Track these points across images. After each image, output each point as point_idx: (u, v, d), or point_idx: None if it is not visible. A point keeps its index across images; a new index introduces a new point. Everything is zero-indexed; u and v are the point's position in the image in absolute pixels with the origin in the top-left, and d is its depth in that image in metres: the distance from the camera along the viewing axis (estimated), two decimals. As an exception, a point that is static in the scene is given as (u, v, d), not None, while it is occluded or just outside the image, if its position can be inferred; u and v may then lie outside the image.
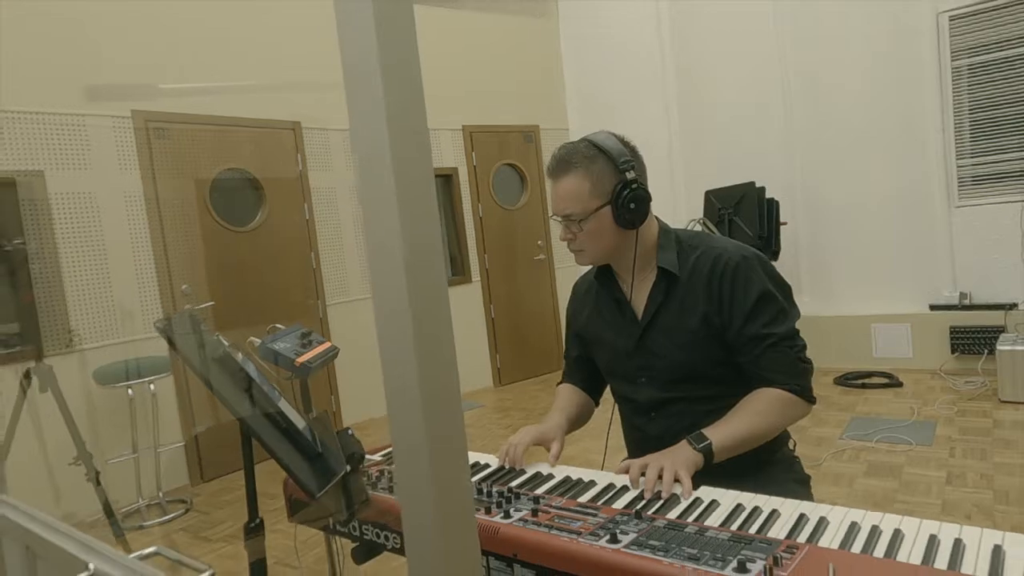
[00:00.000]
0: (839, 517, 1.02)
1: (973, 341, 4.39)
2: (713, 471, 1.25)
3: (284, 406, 1.27)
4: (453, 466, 0.48)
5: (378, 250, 0.45)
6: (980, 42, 4.37)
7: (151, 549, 0.82)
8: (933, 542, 0.92)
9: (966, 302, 4.48)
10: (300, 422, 1.28)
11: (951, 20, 4.44)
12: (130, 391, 3.50)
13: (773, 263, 4.87)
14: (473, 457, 1.51)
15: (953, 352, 4.49)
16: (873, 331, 4.82)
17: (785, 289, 1.40)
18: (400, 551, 1.25)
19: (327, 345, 1.88)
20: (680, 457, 1.24)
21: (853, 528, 0.99)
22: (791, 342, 1.36)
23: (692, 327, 1.37)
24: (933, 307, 4.60)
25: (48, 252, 3.54)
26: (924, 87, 4.55)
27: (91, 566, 0.76)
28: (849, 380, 4.56)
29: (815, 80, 4.94)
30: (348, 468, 1.23)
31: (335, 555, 1.56)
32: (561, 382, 1.70)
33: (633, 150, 1.39)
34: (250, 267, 4.38)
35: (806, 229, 5.06)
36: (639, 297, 1.45)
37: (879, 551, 0.91)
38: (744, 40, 5.20)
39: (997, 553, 0.87)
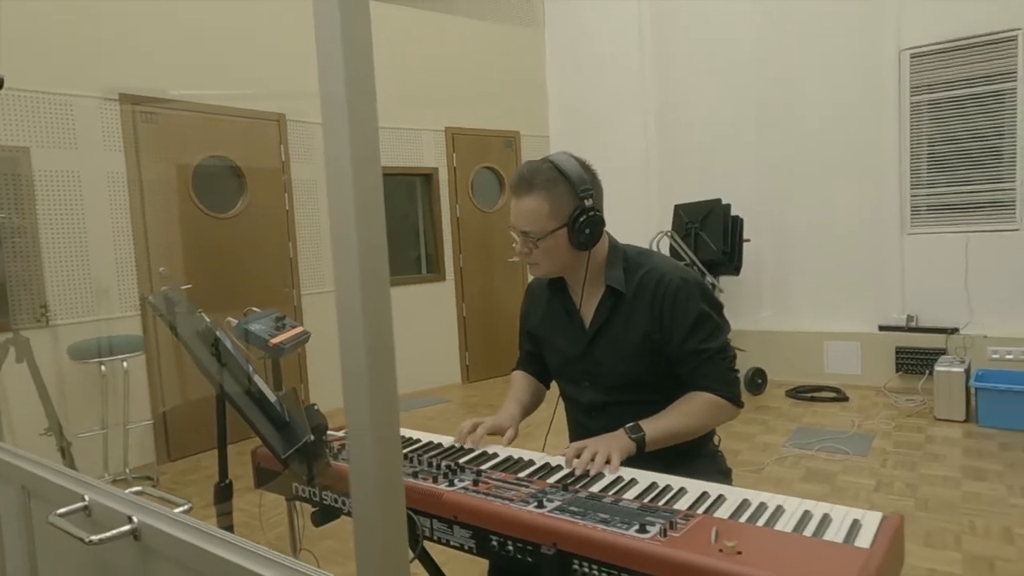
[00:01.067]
0: (736, 496, 1.19)
1: (916, 361, 4.64)
2: (644, 462, 1.41)
3: (257, 379, 1.40)
4: (390, 430, 0.62)
5: (339, 240, 0.59)
6: (939, 80, 4.63)
7: (136, 489, 0.94)
8: (806, 516, 1.09)
9: (912, 324, 4.73)
10: (271, 395, 1.41)
11: (912, 58, 4.69)
12: (103, 368, 3.58)
13: (733, 276, 5.05)
14: (428, 437, 1.66)
15: (898, 371, 4.74)
16: (825, 347, 5.06)
17: (717, 307, 1.57)
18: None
19: (300, 329, 2.01)
20: (615, 443, 1.40)
21: (744, 504, 1.15)
22: (723, 355, 1.52)
23: (634, 341, 1.52)
24: (882, 328, 4.84)
25: (28, 227, 3.61)
26: (886, 120, 4.80)
27: (87, 498, 0.89)
28: (800, 393, 4.79)
29: (787, 107, 5.17)
30: (312, 436, 1.37)
31: (295, 521, 1.69)
32: (515, 369, 1.84)
33: (593, 176, 1.52)
34: (228, 253, 4.47)
35: (769, 247, 5.28)
36: (588, 308, 1.60)
37: (761, 521, 1.08)
38: (723, 64, 5.42)
39: (855, 525, 1.04)
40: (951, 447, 3.58)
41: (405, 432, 1.70)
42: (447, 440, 1.61)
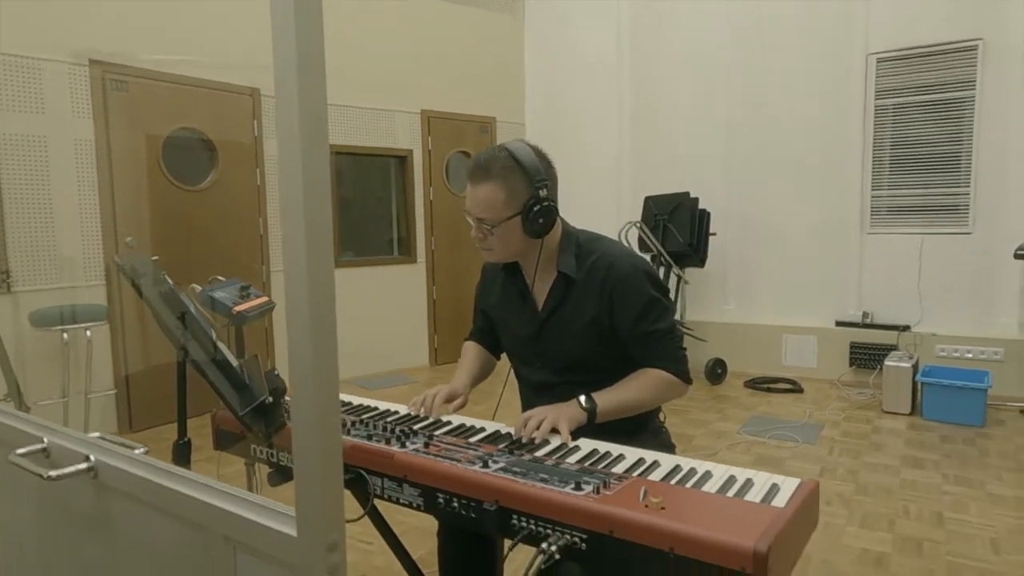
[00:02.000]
0: (670, 463, 1.27)
1: (869, 356, 4.81)
2: (591, 435, 1.48)
3: (219, 344, 1.45)
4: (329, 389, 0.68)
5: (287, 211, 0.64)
6: (904, 85, 4.78)
7: (95, 434, 0.97)
8: (731, 480, 1.17)
9: (868, 321, 4.90)
10: (233, 360, 1.45)
11: (879, 62, 4.83)
12: (65, 335, 3.56)
13: (699, 268, 5.16)
14: (387, 405, 1.71)
15: (851, 365, 4.91)
16: (784, 341, 5.21)
17: (664, 291, 1.63)
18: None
19: (264, 299, 2.04)
20: (565, 412, 1.47)
21: (676, 469, 1.23)
22: (672, 334, 1.59)
23: (583, 324, 1.58)
24: (839, 323, 5.01)
25: (-9, 191, 3.56)
26: (851, 122, 4.94)
27: (46, 440, 0.93)
28: (757, 384, 4.94)
29: (758, 106, 5.29)
30: (270, 398, 1.41)
31: (253, 483, 1.74)
32: (468, 339, 1.90)
33: (548, 165, 1.56)
34: (197, 226, 4.45)
35: (734, 242, 5.41)
36: (540, 292, 1.65)
37: (689, 484, 1.16)
38: (697, 62, 5.51)
39: (774, 488, 1.13)
40: (895, 438, 3.75)
41: (366, 400, 1.76)
42: (413, 411, 1.66)
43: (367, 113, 5.38)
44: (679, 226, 5.01)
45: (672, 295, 5.22)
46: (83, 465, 0.84)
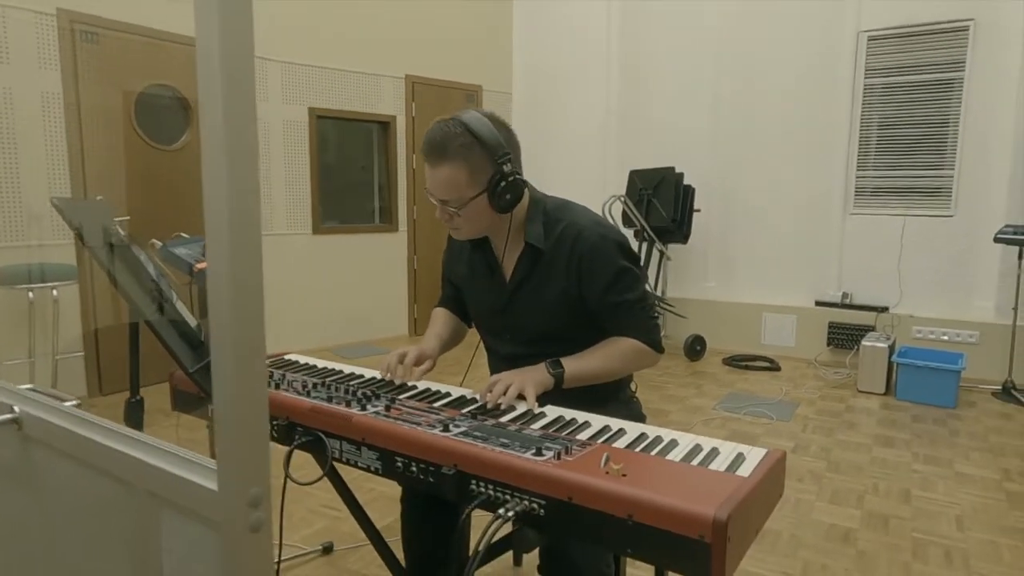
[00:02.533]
0: (636, 431, 1.24)
1: (847, 337, 4.83)
2: (559, 403, 1.44)
3: (176, 301, 1.39)
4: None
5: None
6: (893, 64, 4.73)
7: (27, 385, 0.91)
8: (696, 449, 1.15)
9: (847, 301, 4.91)
10: (191, 319, 1.40)
11: (870, 40, 4.78)
12: (31, 294, 3.47)
13: (681, 244, 5.13)
14: (352, 368, 1.66)
15: (829, 345, 4.94)
16: (764, 319, 5.22)
17: (635, 260, 1.58)
18: (272, 437, 1.40)
19: (229, 258, 1.98)
20: (531, 376, 1.43)
21: (642, 437, 1.20)
22: (643, 303, 1.55)
23: (552, 296, 1.54)
24: (818, 303, 5.02)
25: (-47, 143, 3.43)
26: (839, 101, 4.89)
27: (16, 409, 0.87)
28: (735, 361, 4.95)
29: (746, 82, 5.22)
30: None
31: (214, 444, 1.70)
32: (438, 306, 1.85)
33: (509, 135, 1.48)
34: (171, 187, 4.33)
35: (717, 218, 5.39)
36: (508, 262, 1.60)
37: (653, 452, 1.13)
38: (686, 36, 5.42)
39: (739, 458, 1.10)
40: (868, 417, 3.77)
41: (334, 364, 1.71)
42: (379, 374, 1.61)
43: (350, 76, 5.25)
44: (663, 201, 4.97)
45: (654, 271, 5.21)
46: (7, 416, 0.79)
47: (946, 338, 4.51)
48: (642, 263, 4.83)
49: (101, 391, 4.01)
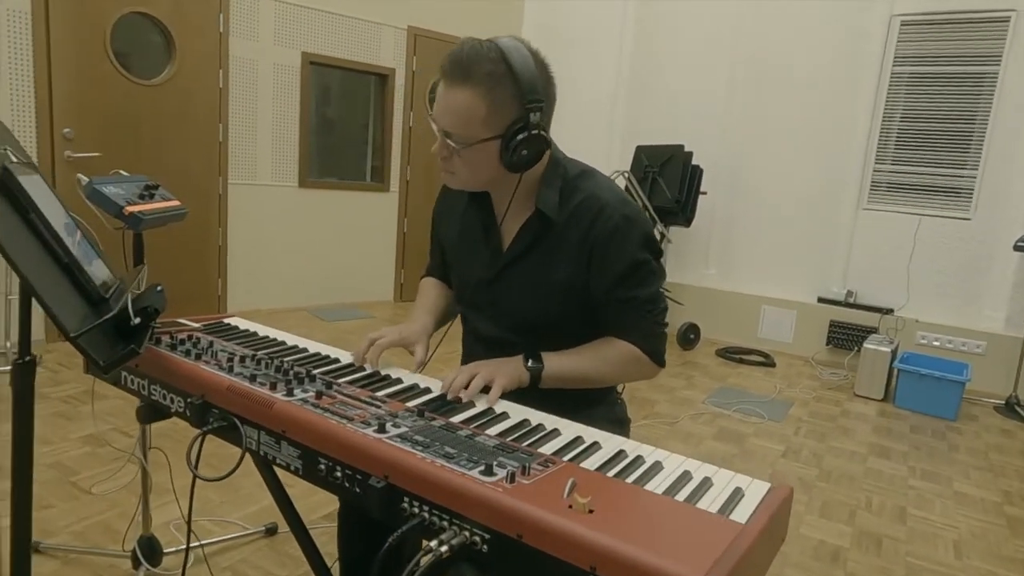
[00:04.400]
0: (612, 446, 1.03)
1: (847, 337, 4.64)
2: (533, 400, 1.22)
3: (74, 240, 1.16)
4: None
5: None
6: (925, 52, 4.45)
7: None
8: (684, 477, 0.93)
9: (851, 300, 4.70)
10: (90, 264, 1.17)
11: (903, 25, 4.49)
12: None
13: (684, 227, 4.89)
14: (299, 342, 1.44)
15: (828, 344, 4.74)
16: (762, 312, 5.02)
17: (657, 252, 1.34)
18: (184, 416, 1.19)
19: (174, 203, 1.74)
20: (504, 369, 1.21)
21: (619, 456, 0.99)
22: (652, 305, 1.31)
23: (554, 280, 1.30)
24: (821, 299, 4.81)
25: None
26: (863, 88, 4.62)
27: None
28: (729, 354, 4.76)
29: (765, 61, 4.93)
30: (137, 319, 1.14)
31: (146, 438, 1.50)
32: (425, 275, 1.60)
33: (548, 80, 1.22)
34: (148, 125, 4.07)
35: (723, 203, 5.14)
36: (509, 228, 1.34)
37: (631, 477, 0.92)
38: (704, 10, 5.11)
39: (736, 494, 0.89)
40: (863, 423, 3.59)
41: (272, 332, 1.49)
42: (326, 350, 1.38)
43: (349, 22, 4.94)
44: (669, 180, 4.72)
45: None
46: None
47: (951, 346, 4.31)
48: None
49: (61, 337, 3.79)
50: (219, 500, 2.23)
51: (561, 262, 1.29)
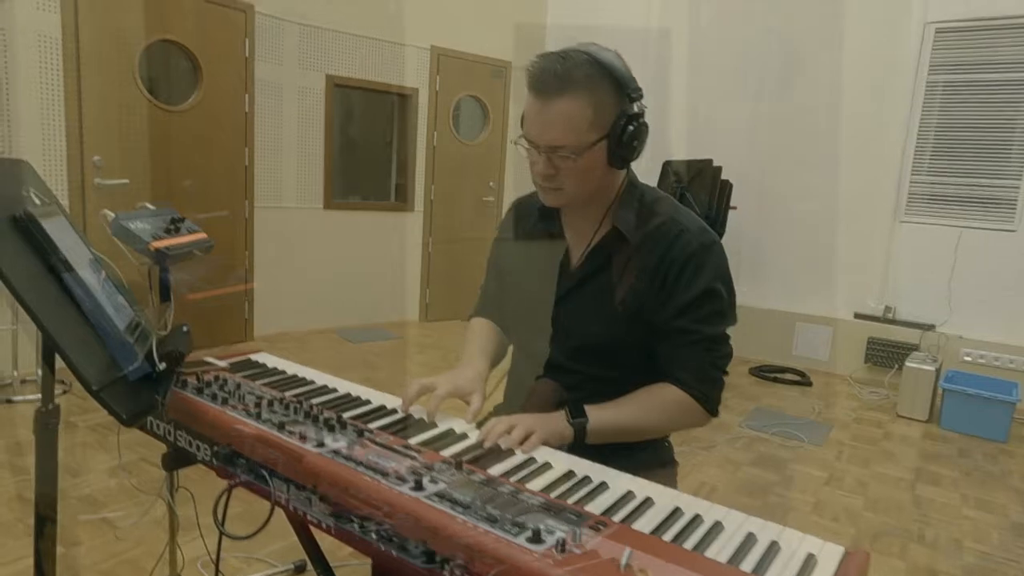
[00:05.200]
0: (667, 501, 0.95)
1: (887, 355, 4.48)
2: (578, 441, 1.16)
3: (100, 282, 1.12)
4: None
5: None
6: (961, 60, 4.32)
7: None
8: (749, 540, 0.85)
9: (889, 316, 4.55)
10: (111, 308, 1.13)
11: (937, 32, 4.36)
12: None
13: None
14: (331, 381, 1.39)
15: (866, 362, 4.58)
16: (797, 329, 4.88)
17: (731, 291, 1.28)
18: (210, 464, 1.14)
19: (199, 236, 1.71)
20: (546, 425, 1.14)
21: (675, 514, 0.91)
22: (715, 346, 1.24)
23: (624, 305, 1.24)
24: (858, 315, 4.66)
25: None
26: (898, 97, 4.50)
27: None
28: (763, 372, 4.62)
29: (795, 71, 4.83)
30: (162, 365, 1.10)
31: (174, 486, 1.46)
32: (474, 315, 1.53)
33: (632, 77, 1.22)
34: (175, 150, 4.09)
35: (753, 217, 5.03)
36: (580, 246, 1.30)
37: (690, 542, 0.84)
38: (733, 17, 5.03)
39: (809, 562, 0.81)
40: (908, 447, 3.44)
41: (300, 370, 1.44)
42: (356, 390, 1.32)
43: (373, 44, 4.95)
44: (698, 195, 4.62)
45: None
46: None
47: (998, 364, 4.14)
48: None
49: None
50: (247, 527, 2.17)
51: (633, 284, 1.24)
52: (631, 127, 1.17)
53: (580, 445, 1.16)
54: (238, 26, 4.29)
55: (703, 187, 4.63)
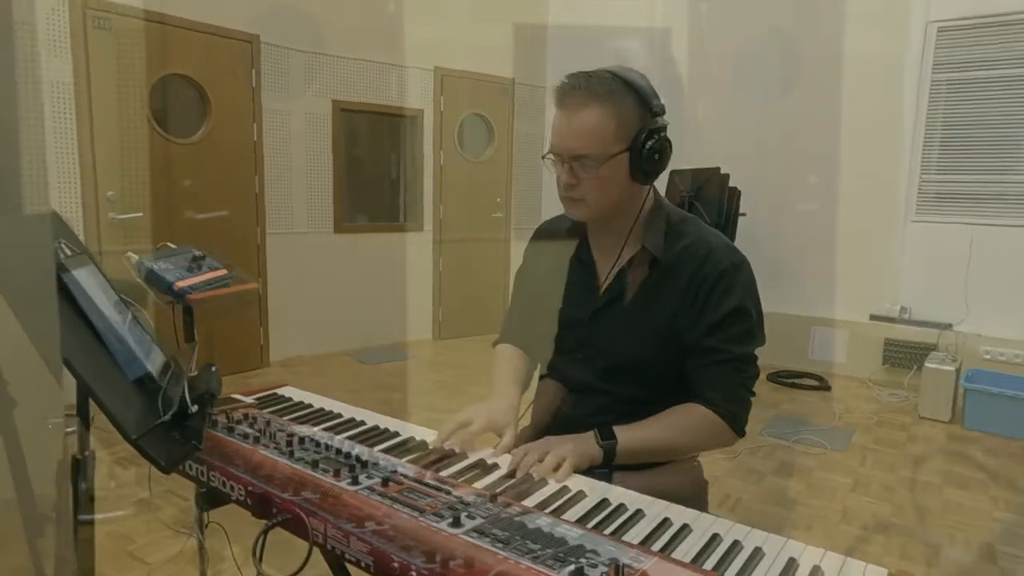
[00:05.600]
0: (704, 525, 0.95)
1: (905, 356, 4.44)
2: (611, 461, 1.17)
3: (126, 324, 1.14)
4: None
5: None
6: (965, 58, 4.32)
7: None
8: (791, 566, 0.85)
9: (905, 316, 4.52)
10: (143, 352, 1.14)
11: (939, 31, 4.36)
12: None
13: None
14: (359, 414, 1.40)
15: (884, 363, 4.55)
16: (812, 333, 4.85)
17: (759, 311, 1.30)
18: (245, 504, 1.14)
19: (220, 273, 1.73)
20: (576, 448, 1.15)
21: (714, 540, 0.91)
22: (743, 366, 1.25)
23: (653, 323, 1.26)
24: (873, 317, 4.63)
25: (-42, 134, 3.26)
26: (904, 97, 4.49)
27: None
28: (781, 378, 4.60)
29: (799, 74, 4.84)
30: (194, 407, 1.11)
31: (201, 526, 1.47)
32: (499, 341, 1.53)
33: (656, 94, 1.25)
34: (187, 182, 4.14)
35: (763, 223, 5.02)
36: (605, 268, 1.32)
37: (732, 570, 0.84)
38: (735, 24, 5.05)
39: (853, 588, 0.81)
40: (934, 449, 3.41)
41: (326, 403, 1.45)
42: (384, 422, 1.33)
43: (377, 68, 5.00)
44: (707, 204, 4.62)
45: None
46: None
47: (1019, 361, 4.09)
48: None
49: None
50: (277, 559, 2.18)
51: (663, 304, 1.26)
52: (653, 141, 1.20)
53: (609, 465, 1.16)
54: (244, 56, 4.35)
55: (711, 196, 4.63)
